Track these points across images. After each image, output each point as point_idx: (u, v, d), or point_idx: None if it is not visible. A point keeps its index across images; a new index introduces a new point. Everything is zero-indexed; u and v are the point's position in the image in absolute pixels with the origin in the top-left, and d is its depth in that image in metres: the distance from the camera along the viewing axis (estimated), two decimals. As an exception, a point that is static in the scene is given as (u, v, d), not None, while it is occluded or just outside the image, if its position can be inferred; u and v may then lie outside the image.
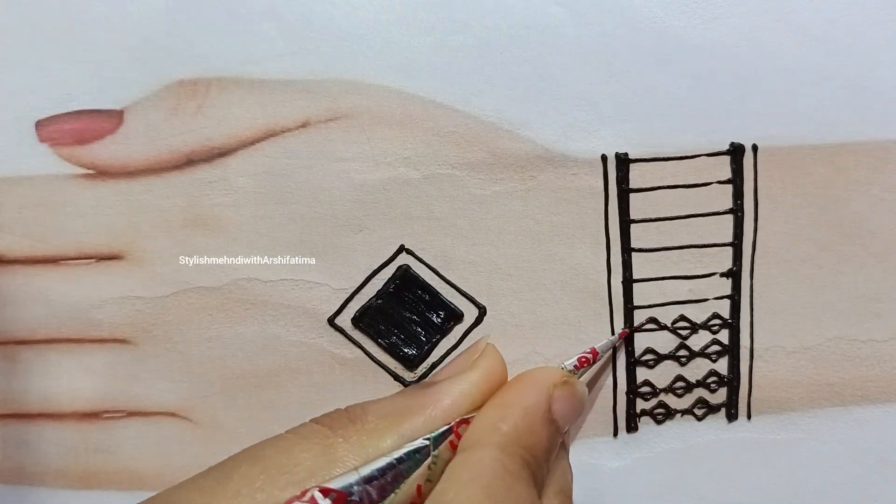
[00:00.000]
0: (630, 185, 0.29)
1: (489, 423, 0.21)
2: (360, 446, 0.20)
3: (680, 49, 0.29)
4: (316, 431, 0.20)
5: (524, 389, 0.22)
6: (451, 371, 0.23)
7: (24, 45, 0.28)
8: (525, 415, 0.21)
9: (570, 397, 0.22)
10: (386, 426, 0.21)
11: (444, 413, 0.21)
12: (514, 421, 0.20)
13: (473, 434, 0.20)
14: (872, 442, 0.31)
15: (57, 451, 0.30)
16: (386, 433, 0.20)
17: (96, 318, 0.29)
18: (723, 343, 0.30)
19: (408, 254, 0.29)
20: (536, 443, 0.21)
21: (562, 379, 0.22)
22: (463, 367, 0.23)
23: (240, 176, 0.29)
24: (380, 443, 0.20)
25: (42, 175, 0.29)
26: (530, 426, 0.21)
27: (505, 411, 0.21)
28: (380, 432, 0.20)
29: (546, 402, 0.21)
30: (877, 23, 0.29)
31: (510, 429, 0.20)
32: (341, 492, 0.17)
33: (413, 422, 0.21)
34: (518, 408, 0.21)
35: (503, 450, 0.20)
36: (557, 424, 0.22)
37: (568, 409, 0.22)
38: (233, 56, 0.28)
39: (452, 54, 0.28)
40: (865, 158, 0.29)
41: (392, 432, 0.20)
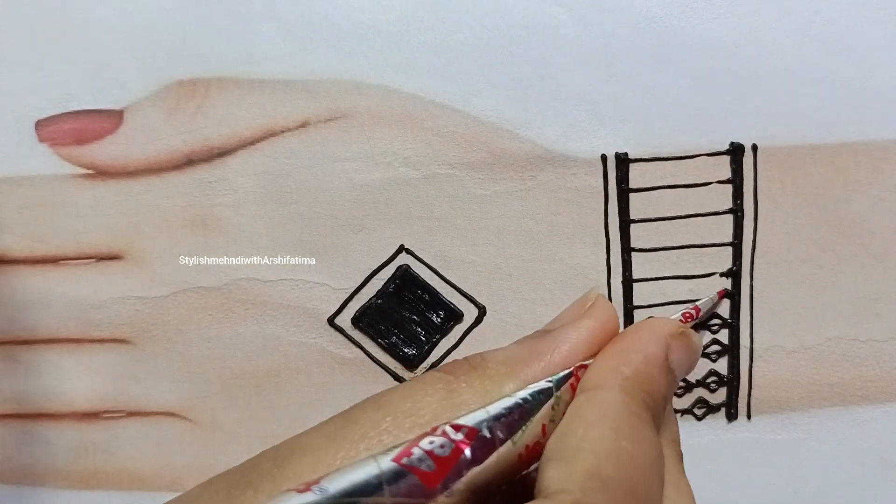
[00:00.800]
0: (630, 185, 0.29)
1: (611, 366, 0.21)
2: (482, 391, 0.20)
3: (680, 49, 0.29)
4: (438, 378, 0.21)
5: (644, 337, 0.22)
6: (565, 319, 0.23)
7: (24, 45, 0.28)
8: (646, 361, 0.21)
9: (687, 348, 0.22)
10: (507, 372, 0.21)
11: (563, 359, 0.21)
12: (636, 366, 0.21)
13: (595, 376, 0.20)
14: (872, 442, 0.31)
15: (57, 452, 0.30)
16: (507, 378, 0.21)
17: (96, 318, 0.29)
18: (723, 343, 0.30)
19: (408, 254, 0.29)
20: (656, 389, 0.21)
21: (679, 329, 0.22)
22: (576, 315, 0.23)
23: (239, 176, 0.29)
24: (501, 388, 0.20)
25: (42, 175, 0.29)
26: (650, 373, 0.21)
27: (626, 356, 0.21)
28: (501, 378, 0.21)
29: (664, 350, 0.22)
30: (877, 23, 0.29)
31: (632, 373, 0.20)
32: (472, 427, 0.17)
33: (532, 368, 0.21)
34: (639, 354, 0.21)
35: (627, 392, 0.20)
36: (674, 373, 0.22)
37: (684, 358, 0.22)
38: (232, 56, 0.28)
39: (452, 54, 0.28)
40: (865, 158, 0.29)
41: (513, 378, 0.21)
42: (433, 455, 0.16)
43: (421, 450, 0.16)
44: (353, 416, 0.20)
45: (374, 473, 0.15)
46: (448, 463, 0.16)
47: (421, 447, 0.16)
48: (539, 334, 0.23)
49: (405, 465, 0.16)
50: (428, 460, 0.16)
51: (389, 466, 0.16)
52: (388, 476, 0.15)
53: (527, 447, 0.18)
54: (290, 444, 0.20)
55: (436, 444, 0.17)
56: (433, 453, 0.16)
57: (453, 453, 0.17)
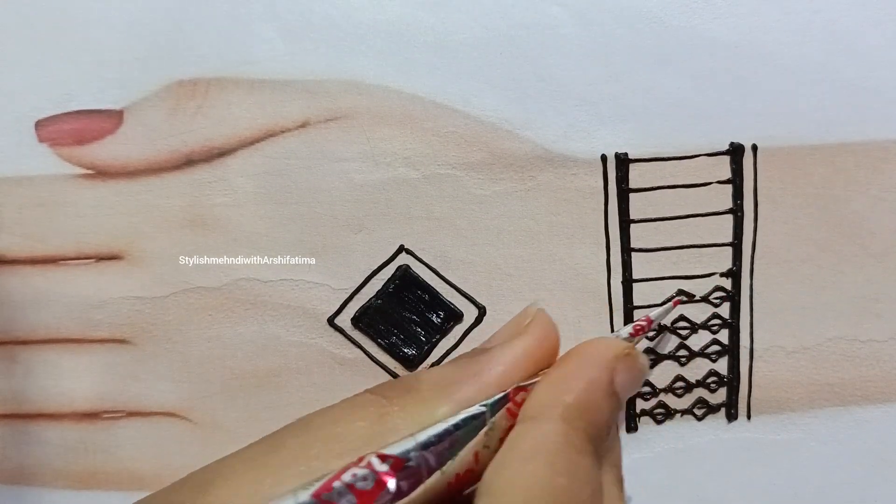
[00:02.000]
0: (630, 185, 0.29)
1: (551, 394, 0.20)
2: (414, 415, 0.19)
3: (680, 49, 0.29)
4: (370, 401, 0.20)
5: (587, 361, 0.21)
6: (502, 337, 0.22)
7: (24, 45, 0.28)
8: (588, 388, 0.20)
9: (633, 369, 0.22)
10: (440, 394, 0.20)
11: (498, 380, 0.21)
12: (578, 394, 0.20)
13: (535, 405, 0.20)
14: (872, 442, 0.31)
15: (56, 452, 0.30)
16: (440, 401, 0.20)
17: (96, 319, 0.29)
18: (723, 343, 0.30)
19: (407, 254, 0.29)
20: (599, 416, 0.20)
21: (624, 351, 0.22)
22: (514, 332, 0.22)
23: (239, 176, 0.29)
24: (434, 411, 0.20)
25: (42, 175, 0.29)
26: (594, 399, 0.20)
27: (568, 383, 0.20)
28: (434, 400, 0.20)
29: (609, 374, 0.21)
30: (877, 23, 0.29)
31: (574, 401, 0.20)
32: (399, 457, 0.17)
33: (467, 389, 0.20)
34: (581, 380, 0.20)
35: (568, 423, 0.19)
36: (619, 397, 0.21)
37: (630, 381, 0.22)
38: (232, 56, 0.28)
39: (452, 54, 0.28)
40: (865, 159, 0.29)
41: (446, 400, 0.20)
42: (354, 489, 0.16)
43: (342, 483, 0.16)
44: (282, 441, 0.19)
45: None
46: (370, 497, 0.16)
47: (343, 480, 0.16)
48: (475, 353, 0.22)
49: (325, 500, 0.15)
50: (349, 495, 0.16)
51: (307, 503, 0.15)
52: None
53: (457, 475, 0.18)
54: (215, 469, 0.19)
55: (358, 476, 0.16)
56: (354, 487, 0.16)
57: (376, 486, 0.16)
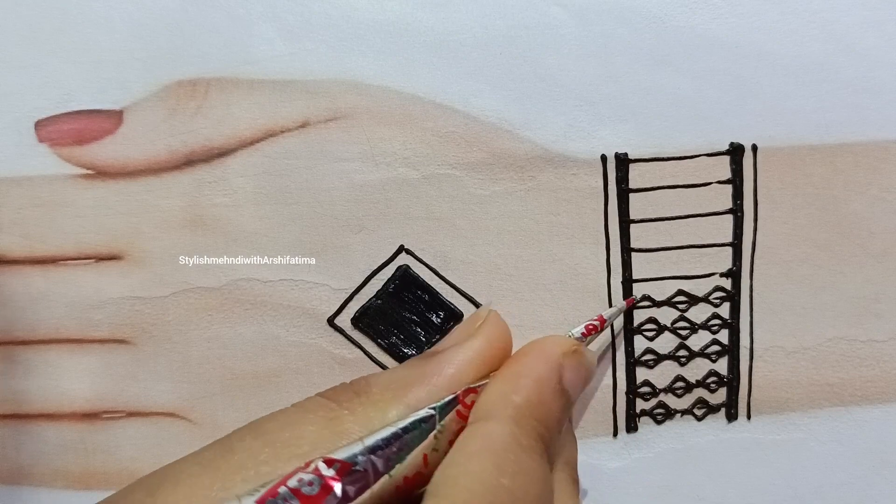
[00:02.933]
0: (630, 186, 0.29)
1: (500, 394, 0.20)
2: (365, 418, 0.20)
3: (680, 49, 0.29)
4: (320, 405, 0.20)
5: (534, 359, 0.21)
6: (454, 339, 0.22)
7: (23, 45, 0.28)
8: (537, 386, 0.20)
9: (580, 366, 0.22)
10: (390, 397, 0.20)
11: (449, 382, 0.21)
12: (527, 392, 0.20)
13: (484, 406, 0.20)
14: (872, 442, 0.31)
15: (56, 452, 0.30)
16: (391, 404, 0.20)
17: (95, 319, 0.29)
18: (722, 343, 0.30)
19: (407, 254, 0.29)
20: (549, 414, 0.20)
21: (571, 348, 0.22)
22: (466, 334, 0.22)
23: (239, 176, 0.29)
24: (385, 414, 0.20)
25: (41, 175, 0.29)
26: (542, 397, 0.20)
27: (516, 382, 0.20)
28: (384, 404, 0.20)
29: (557, 372, 0.21)
30: (877, 23, 0.29)
31: (522, 400, 0.20)
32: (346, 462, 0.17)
33: (417, 392, 0.20)
34: (529, 379, 0.20)
35: (516, 422, 0.19)
36: (568, 394, 0.21)
37: (578, 378, 0.22)
38: (232, 56, 0.28)
39: (452, 54, 0.28)
40: (864, 159, 0.29)
41: (397, 403, 0.20)
42: (300, 494, 0.16)
43: (287, 489, 0.16)
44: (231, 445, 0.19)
45: None
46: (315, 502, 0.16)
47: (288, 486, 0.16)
48: (427, 356, 0.22)
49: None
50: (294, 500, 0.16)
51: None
52: None
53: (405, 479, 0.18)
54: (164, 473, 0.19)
55: (304, 481, 0.16)
56: (300, 492, 0.16)
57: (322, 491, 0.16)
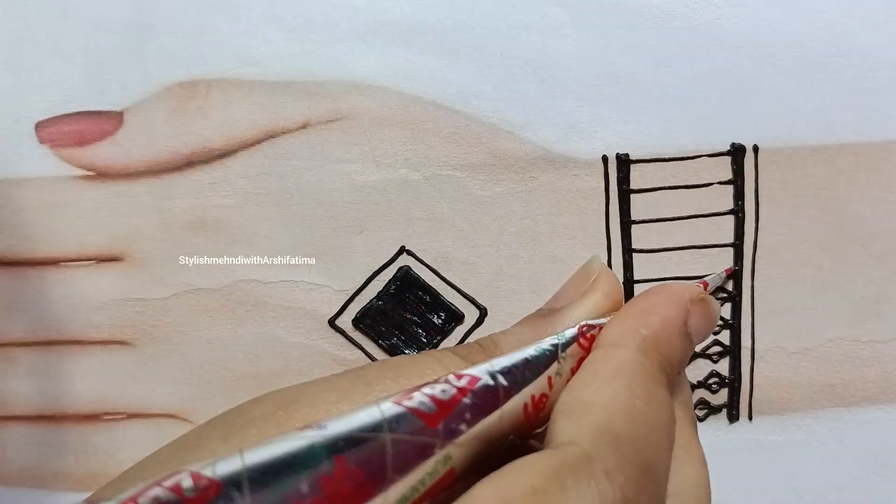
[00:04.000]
0: (631, 186, 0.29)
1: (629, 326, 0.21)
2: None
3: (680, 49, 0.29)
4: (451, 357, 0.21)
5: (663, 300, 0.22)
6: (569, 296, 0.23)
7: (24, 47, 0.28)
8: (664, 324, 0.21)
9: (706, 314, 0.22)
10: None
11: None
12: (655, 328, 0.20)
13: (612, 335, 0.20)
14: (874, 443, 0.31)
15: (57, 453, 0.30)
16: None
17: (96, 320, 0.29)
18: (724, 344, 0.30)
19: (408, 255, 0.29)
20: (673, 352, 0.21)
21: (699, 295, 0.22)
22: (580, 290, 0.23)
23: (240, 177, 0.29)
24: None
25: (42, 177, 0.29)
26: (669, 335, 0.21)
27: (645, 318, 0.21)
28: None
29: (684, 314, 0.21)
30: (877, 24, 0.29)
31: (650, 334, 0.20)
32: (475, 376, 0.17)
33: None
34: (658, 316, 0.21)
35: (643, 353, 0.20)
36: (692, 338, 0.22)
37: (703, 324, 0.22)
38: (233, 57, 0.28)
39: (453, 56, 0.28)
40: (866, 159, 0.29)
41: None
42: (434, 398, 0.16)
43: (423, 394, 0.16)
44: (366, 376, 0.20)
45: (374, 415, 0.15)
46: (449, 406, 0.17)
47: (423, 392, 0.17)
48: (545, 313, 0.22)
49: (406, 406, 0.16)
50: (429, 402, 0.16)
51: (390, 408, 0.16)
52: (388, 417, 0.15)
53: (532, 397, 0.18)
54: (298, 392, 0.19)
55: (437, 389, 0.17)
56: (434, 397, 0.16)
57: (454, 398, 0.17)
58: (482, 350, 0.21)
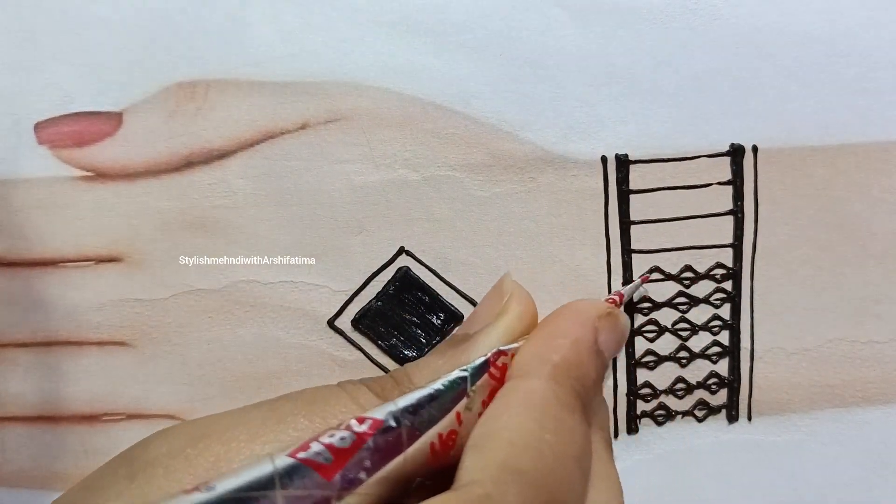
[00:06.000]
0: (630, 187, 0.29)
1: (538, 354, 0.20)
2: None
3: (680, 50, 0.29)
4: (362, 390, 0.20)
5: (570, 321, 0.21)
6: (482, 318, 0.22)
7: (23, 47, 0.28)
8: (574, 346, 0.21)
9: (615, 328, 0.22)
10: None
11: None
12: (564, 352, 0.20)
13: (521, 365, 0.20)
14: (873, 444, 0.31)
15: (56, 455, 0.30)
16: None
17: (95, 321, 0.29)
18: (723, 344, 0.30)
19: (408, 255, 0.29)
20: (586, 374, 0.21)
21: (606, 310, 0.22)
22: (493, 312, 0.22)
23: (239, 178, 0.29)
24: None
25: (41, 177, 0.29)
26: (579, 357, 0.21)
27: (553, 342, 0.21)
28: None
29: (593, 333, 0.21)
30: (877, 24, 0.29)
31: (560, 360, 0.20)
32: (378, 419, 0.17)
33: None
34: (566, 339, 0.21)
35: (555, 380, 0.20)
36: (604, 355, 0.22)
37: (613, 339, 0.22)
38: (232, 58, 0.28)
39: (452, 56, 0.28)
40: (866, 160, 0.29)
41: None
42: (332, 448, 0.16)
43: (320, 444, 0.16)
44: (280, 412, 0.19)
45: (266, 470, 0.15)
46: (347, 454, 0.16)
47: (320, 441, 0.16)
48: (458, 339, 0.22)
49: (301, 459, 0.15)
50: (326, 453, 0.16)
51: (284, 462, 0.15)
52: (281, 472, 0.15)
53: (440, 436, 0.18)
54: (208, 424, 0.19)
55: (336, 437, 0.16)
56: (332, 446, 0.16)
57: (354, 444, 0.16)
58: (396, 384, 0.21)
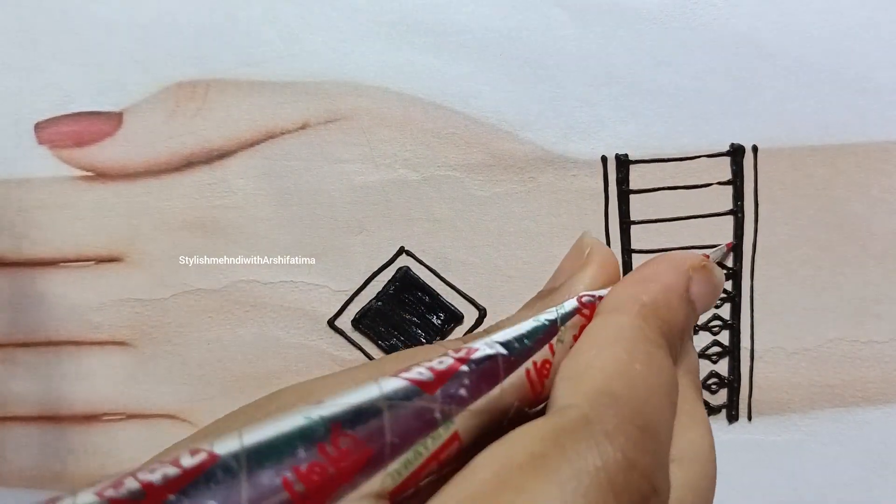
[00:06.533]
0: (630, 187, 0.29)
1: (629, 294, 0.20)
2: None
3: (680, 50, 0.29)
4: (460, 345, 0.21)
5: (664, 267, 0.21)
6: (566, 273, 0.23)
7: (23, 47, 0.28)
8: (665, 291, 0.21)
9: (709, 281, 0.22)
10: None
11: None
12: (655, 294, 0.20)
13: (612, 302, 0.20)
14: (873, 443, 0.31)
15: (57, 454, 0.30)
16: None
17: (95, 321, 0.29)
18: (723, 344, 0.30)
19: (408, 255, 0.29)
20: (674, 319, 0.21)
21: (701, 262, 0.22)
22: (575, 266, 0.23)
23: (239, 178, 0.29)
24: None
25: (41, 177, 0.29)
26: (670, 302, 0.21)
27: (645, 285, 0.21)
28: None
29: (686, 282, 0.21)
30: (877, 24, 0.29)
31: (651, 300, 0.20)
32: (473, 347, 0.18)
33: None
34: (659, 283, 0.21)
35: (644, 318, 0.20)
36: (694, 305, 0.22)
37: (705, 292, 0.22)
38: (232, 58, 0.28)
39: (452, 56, 0.28)
40: (865, 160, 0.29)
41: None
42: (432, 369, 0.17)
43: (420, 366, 0.17)
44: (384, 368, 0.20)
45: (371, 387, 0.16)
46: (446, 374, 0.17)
47: (421, 365, 0.17)
48: (545, 294, 0.22)
49: (403, 377, 0.16)
50: (426, 373, 0.17)
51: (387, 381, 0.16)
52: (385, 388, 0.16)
53: (534, 364, 0.18)
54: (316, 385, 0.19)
55: (435, 361, 0.17)
56: (432, 368, 0.17)
57: (451, 367, 0.17)
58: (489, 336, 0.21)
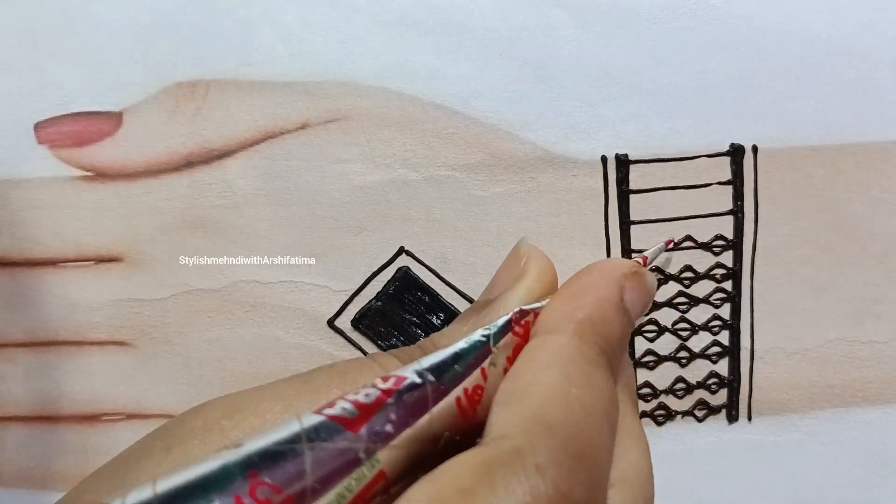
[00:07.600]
0: (630, 187, 0.29)
1: (563, 311, 0.20)
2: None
3: (680, 49, 0.29)
4: (395, 363, 0.20)
5: (596, 279, 0.21)
6: (502, 283, 0.22)
7: (23, 47, 0.28)
8: (599, 304, 0.20)
9: (641, 286, 0.22)
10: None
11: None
12: (589, 309, 0.20)
13: (547, 321, 0.20)
14: (873, 444, 0.31)
15: (56, 454, 0.30)
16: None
17: (95, 321, 0.29)
18: (723, 344, 0.30)
19: (407, 255, 0.29)
20: (611, 332, 0.20)
21: (632, 269, 0.22)
22: (513, 275, 0.22)
23: (239, 178, 0.29)
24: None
25: (41, 177, 0.29)
26: (605, 315, 0.20)
27: (578, 300, 0.20)
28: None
29: (618, 291, 0.21)
30: (877, 24, 0.29)
31: (585, 316, 0.20)
32: (401, 376, 0.17)
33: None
34: (591, 297, 0.20)
35: (580, 336, 0.19)
36: (630, 314, 0.21)
37: (639, 298, 0.22)
38: (232, 58, 0.28)
39: (452, 56, 0.28)
40: (865, 160, 0.29)
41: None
42: (357, 403, 0.16)
43: (345, 401, 0.16)
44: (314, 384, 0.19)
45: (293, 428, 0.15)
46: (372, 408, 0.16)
47: (346, 399, 0.16)
48: (480, 305, 0.22)
49: (326, 414, 0.16)
50: (351, 408, 0.16)
51: (310, 419, 0.15)
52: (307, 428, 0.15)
53: (465, 391, 0.18)
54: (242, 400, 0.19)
55: (360, 394, 0.16)
56: (357, 402, 0.16)
57: (378, 399, 0.16)
58: (422, 352, 0.21)
